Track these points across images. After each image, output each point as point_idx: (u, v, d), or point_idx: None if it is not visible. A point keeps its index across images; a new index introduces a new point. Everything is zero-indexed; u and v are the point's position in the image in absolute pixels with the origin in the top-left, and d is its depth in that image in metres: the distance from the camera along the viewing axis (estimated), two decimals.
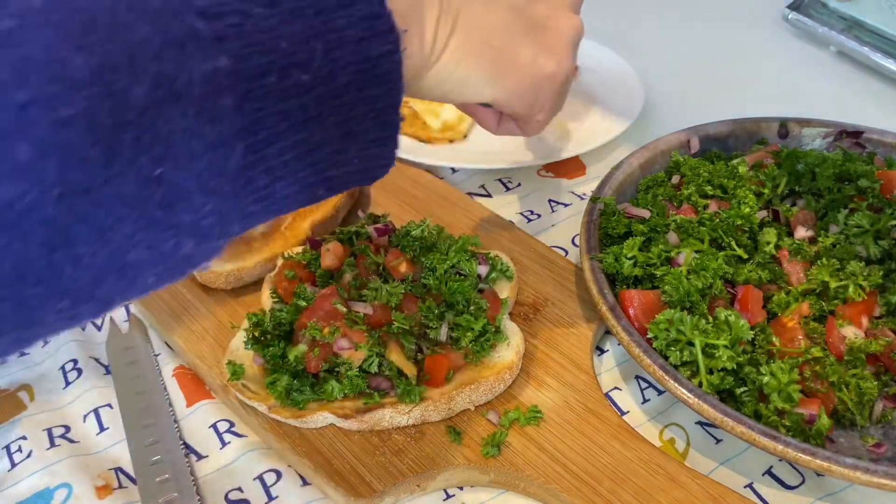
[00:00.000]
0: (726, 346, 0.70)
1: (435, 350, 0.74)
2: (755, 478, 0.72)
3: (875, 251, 0.80)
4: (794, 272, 0.80)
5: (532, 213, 1.02)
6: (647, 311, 0.76)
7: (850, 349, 0.73)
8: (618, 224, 0.84)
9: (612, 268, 0.80)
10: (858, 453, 0.69)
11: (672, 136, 0.97)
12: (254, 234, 0.90)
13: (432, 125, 1.13)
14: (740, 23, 1.46)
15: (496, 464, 0.70)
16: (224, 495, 0.71)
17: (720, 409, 0.67)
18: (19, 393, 0.81)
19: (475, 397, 0.73)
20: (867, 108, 1.22)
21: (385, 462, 0.70)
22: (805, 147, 0.98)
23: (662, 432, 0.76)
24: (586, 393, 0.76)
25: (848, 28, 1.31)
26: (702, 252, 0.79)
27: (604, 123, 1.12)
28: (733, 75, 1.32)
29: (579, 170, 1.10)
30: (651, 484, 0.68)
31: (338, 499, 0.68)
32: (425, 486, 0.70)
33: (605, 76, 1.23)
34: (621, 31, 1.40)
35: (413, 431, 0.72)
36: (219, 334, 0.82)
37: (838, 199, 0.85)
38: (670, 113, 1.20)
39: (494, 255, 0.84)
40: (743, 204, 0.84)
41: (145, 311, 0.87)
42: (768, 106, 1.12)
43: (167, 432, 0.75)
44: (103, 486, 0.71)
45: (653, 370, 0.70)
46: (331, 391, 0.71)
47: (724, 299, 0.77)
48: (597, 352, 0.84)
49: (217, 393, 0.79)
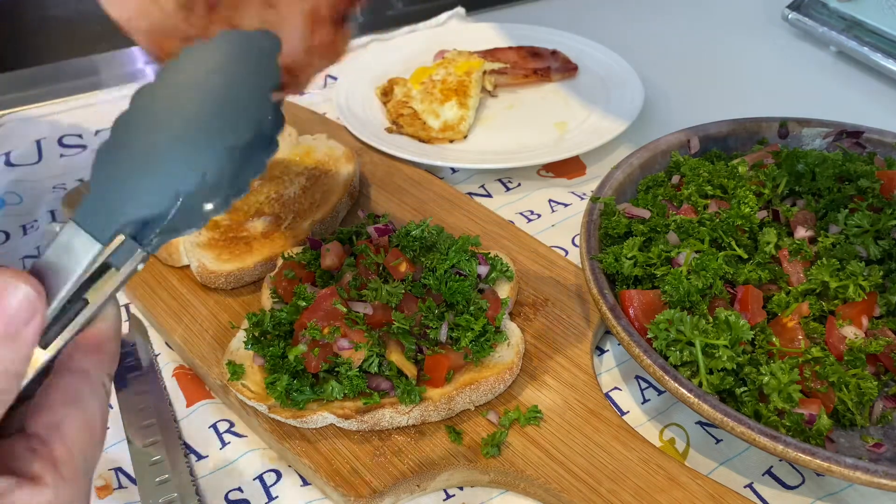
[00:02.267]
0: (726, 346, 0.70)
1: (435, 350, 0.74)
2: (755, 478, 0.72)
3: (875, 251, 0.80)
4: (794, 272, 0.79)
5: (532, 213, 1.02)
6: (647, 311, 0.76)
7: (850, 349, 0.73)
8: (618, 224, 0.84)
9: (612, 268, 0.80)
10: (858, 453, 0.69)
11: (672, 136, 0.97)
12: (254, 234, 0.90)
13: (432, 125, 1.13)
14: (740, 23, 1.46)
15: (496, 464, 0.70)
16: (224, 495, 0.71)
17: (720, 409, 0.67)
18: None
19: (475, 397, 0.73)
20: (867, 108, 1.22)
21: (385, 462, 0.70)
22: (805, 147, 0.98)
23: (662, 432, 0.76)
24: (586, 393, 0.76)
25: (848, 28, 1.31)
26: (702, 252, 0.79)
27: (604, 123, 1.12)
28: (733, 75, 1.32)
29: (579, 170, 1.10)
30: (651, 484, 0.68)
31: (337, 499, 0.68)
32: (425, 486, 0.70)
33: (605, 76, 1.23)
34: (621, 31, 1.40)
35: (413, 431, 0.72)
36: (219, 334, 0.82)
37: (838, 199, 0.85)
38: (670, 113, 1.20)
39: (494, 255, 0.84)
40: (743, 204, 0.84)
41: (145, 311, 0.87)
42: (768, 106, 1.12)
43: (167, 432, 0.75)
44: (103, 486, 0.71)
45: (653, 370, 0.70)
46: (331, 391, 0.71)
47: (724, 299, 0.77)
48: (597, 352, 0.84)
49: (217, 393, 0.79)
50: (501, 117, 1.18)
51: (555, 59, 1.26)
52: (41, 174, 1.10)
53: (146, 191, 0.46)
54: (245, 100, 0.48)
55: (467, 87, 1.16)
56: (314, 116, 1.17)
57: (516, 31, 1.35)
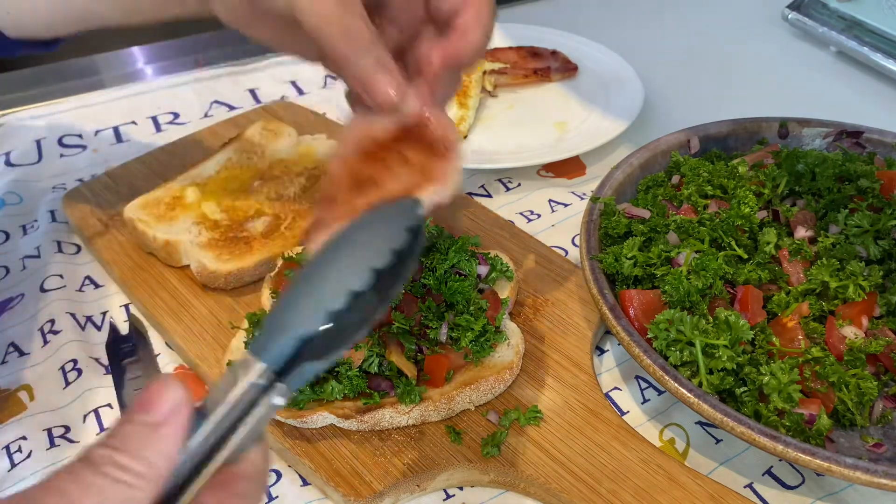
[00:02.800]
0: (726, 346, 0.70)
1: (435, 350, 0.74)
2: (755, 478, 0.72)
3: (875, 251, 0.80)
4: (794, 272, 0.79)
5: (532, 213, 1.02)
6: (647, 311, 0.76)
7: (850, 349, 0.73)
8: (618, 224, 0.84)
9: (612, 268, 0.80)
10: (858, 453, 0.69)
11: (672, 136, 0.97)
12: (254, 234, 0.90)
13: None
14: (740, 23, 1.46)
15: (496, 464, 0.70)
16: None
17: (720, 409, 0.67)
18: (19, 393, 0.81)
19: (475, 397, 0.73)
20: (867, 108, 1.22)
21: (385, 462, 0.70)
22: (805, 147, 0.98)
23: (662, 432, 0.76)
24: (586, 393, 0.76)
25: (848, 28, 1.31)
26: (702, 252, 0.79)
27: (604, 123, 1.12)
28: (733, 75, 1.32)
29: (579, 170, 1.10)
30: (651, 484, 0.68)
31: (337, 499, 0.68)
32: (425, 486, 0.70)
33: (605, 76, 1.23)
34: (621, 31, 1.40)
35: (413, 431, 0.72)
36: (219, 334, 0.82)
37: (838, 200, 0.85)
38: (670, 113, 1.20)
39: (494, 255, 0.84)
40: (743, 204, 0.84)
41: (145, 311, 0.87)
42: (768, 106, 1.11)
43: None
44: None
45: (653, 370, 0.70)
46: (331, 391, 0.71)
47: (724, 299, 0.77)
48: (597, 352, 0.84)
49: None
50: (501, 117, 1.18)
51: (555, 60, 1.26)
52: (41, 174, 1.10)
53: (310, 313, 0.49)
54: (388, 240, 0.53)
55: (467, 88, 1.16)
56: (314, 116, 1.17)
57: (516, 31, 1.35)
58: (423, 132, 0.65)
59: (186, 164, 1.01)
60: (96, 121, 1.20)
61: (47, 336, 0.85)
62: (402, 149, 0.64)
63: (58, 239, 0.97)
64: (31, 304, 0.89)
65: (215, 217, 0.92)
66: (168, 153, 1.08)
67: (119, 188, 1.02)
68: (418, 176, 0.62)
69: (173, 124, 1.20)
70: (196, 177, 0.98)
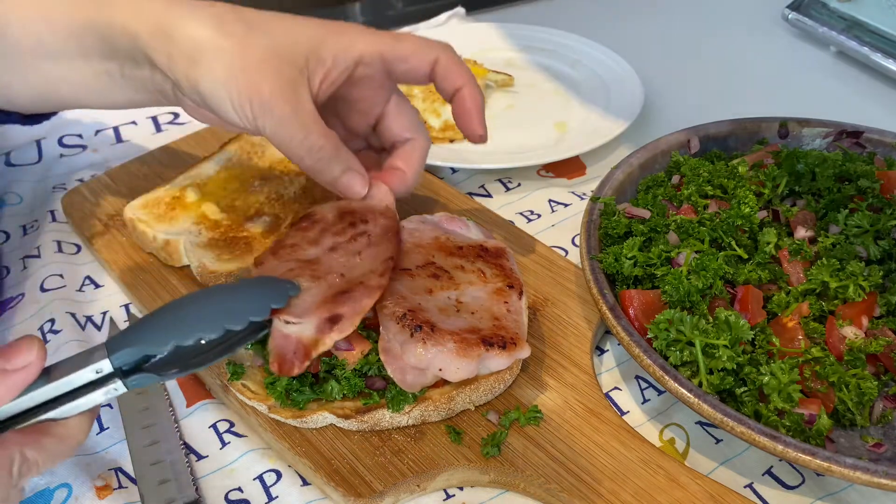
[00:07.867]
0: (726, 346, 0.70)
1: None
2: (755, 478, 0.72)
3: (875, 251, 0.80)
4: (794, 272, 0.80)
5: (532, 213, 1.02)
6: (647, 311, 0.76)
7: (850, 349, 0.73)
8: (618, 224, 0.84)
9: (612, 268, 0.80)
10: (858, 453, 0.69)
11: (672, 136, 0.97)
12: (254, 234, 0.90)
13: (433, 125, 1.13)
14: (740, 23, 1.46)
15: (496, 464, 0.70)
16: (224, 495, 0.71)
17: (720, 409, 0.67)
18: None
19: (475, 397, 0.73)
20: (867, 108, 1.22)
21: (385, 462, 0.70)
22: (805, 147, 0.98)
23: (662, 432, 0.76)
24: (586, 393, 0.76)
25: (848, 28, 1.31)
26: (702, 252, 0.79)
27: (604, 123, 1.12)
28: (733, 75, 1.32)
29: (579, 170, 1.10)
30: (651, 484, 0.68)
31: (337, 499, 0.68)
32: (425, 486, 0.70)
33: (605, 76, 1.23)
34: (621, 31, 1.40)
35: (413, 431, 0.72)
36: None
37: (838, 200, 0.85)
38: (670, 113, 1.20)
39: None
40: (743, 204, 0.84)
41: (145, 310, 0.87)
42: (768, 106, 1.12)
43: (167, 433, 0.75)
44: (103, 486, 0.71)
45: (653, 370, 0.70)
46: (330, 391, 0.71)
47: (724, 299, 0.77)
48: (597, 352, 0.84)
49: (217, 393, 0.79)
50: (501, 117, 1.18)
51: None
52: (41, 174, 1.10)
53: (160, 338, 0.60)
54: (250, 312, 0.64)
55: None
56: None
57: (516, 31, 1.35)
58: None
59: (186, 164, 1.01)
60: (96, 121, 1.20)
61: (47, 336, 0.84)
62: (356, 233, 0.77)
63: (58, 239, 0.97)
64: (31, 303, 0.89)
65: (215, 217, 0.92)
66: (168, 153, 1.08)
67: (119, 188, 1.02)
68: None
69: (173, 124, 1.20)
70: (196, 177, 0.98)
